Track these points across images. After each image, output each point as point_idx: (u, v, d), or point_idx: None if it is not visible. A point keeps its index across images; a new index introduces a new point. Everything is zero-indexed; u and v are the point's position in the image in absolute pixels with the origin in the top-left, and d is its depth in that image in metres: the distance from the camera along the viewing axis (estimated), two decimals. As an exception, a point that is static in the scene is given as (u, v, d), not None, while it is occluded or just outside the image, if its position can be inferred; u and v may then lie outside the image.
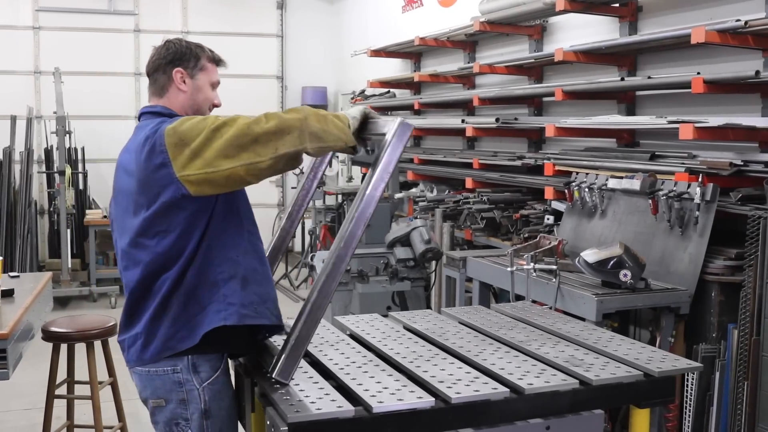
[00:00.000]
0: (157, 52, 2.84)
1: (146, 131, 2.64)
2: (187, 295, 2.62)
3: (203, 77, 2.84)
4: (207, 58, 2.86)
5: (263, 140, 2.49)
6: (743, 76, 4.39)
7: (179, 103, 2.81)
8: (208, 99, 2.87)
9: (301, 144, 2.51)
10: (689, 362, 2.80)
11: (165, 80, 2.81)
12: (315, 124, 2.53)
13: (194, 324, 2.62)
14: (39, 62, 11.39)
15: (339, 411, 2.30)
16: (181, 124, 2.57)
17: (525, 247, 4.93)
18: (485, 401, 2.43)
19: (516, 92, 6.75)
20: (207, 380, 2.68)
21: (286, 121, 2.51)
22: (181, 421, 2.68)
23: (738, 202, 4.28)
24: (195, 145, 2.51)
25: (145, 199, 2.61)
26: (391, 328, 3.25)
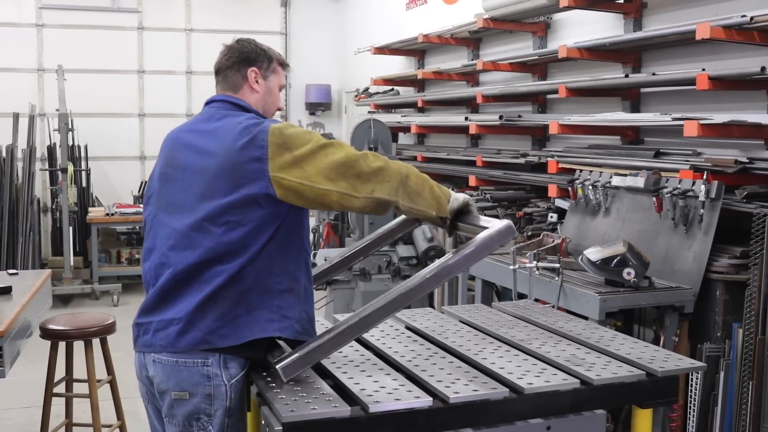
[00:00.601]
0: (231, 51, 2.87)
1: (241, 121, 2.65)
2: (240, 293, 2.56)
3: (274, 79, 2.89)
4: (278, 61, 2.91)
5: (364, 178, 2.55)
6: (749, 73, 4.34)
7: (252, 102, 2.83)
8: (277, 101, 2.92)
9: (395, 196, 2.59)
10: (692, 362, 2.76)
11: (238, 78, 2.83)
12: (414, 184, 2.64)
13: (238, 324, 2.56)
14: (42, 60, 11.37)
15: (335, 411, 2.26)
16: (287, 128, 2.60)
17: (528, 245, 4.88)
18: (484, 401, 2.39)
19: (520, 89, 6.70)
20: (235, 377, 2.60)
21: (390, 169, 2.59)
22: (203, 416, 2.59)
23: (743, 200, 4.22)
24: (299, 153, 2.54)
25: (225, 184, 2.57)
26: (391, 326, 3.21)
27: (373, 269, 6.05)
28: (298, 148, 2.54)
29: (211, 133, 2.67)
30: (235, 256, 2.56)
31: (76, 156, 10.49)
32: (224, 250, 2.56)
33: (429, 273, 2.57)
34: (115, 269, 10.22)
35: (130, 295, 9.73)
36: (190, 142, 2.71)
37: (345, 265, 3.33)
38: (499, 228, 2.60)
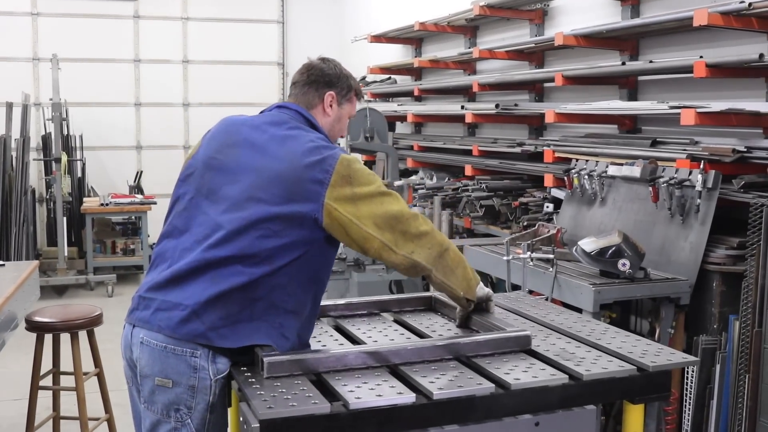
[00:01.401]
0: (315, 68, 2.85)
1: (313, 139, 2.64)
2: (250, 300, 2.52)
3: (347, 108, 2.88)
4: (355, 91, 2.91)
5: (409, 237, 2.60)
6: (747, 60, 4.27)
7: (322, 124, 2.81)
8: (343, 129, 2.92)
9: (431, 264, 2.64)
10: (685, 356, 2.68)
11: (315, 98, 2.81)
12: (451, 260, 2.70)
13: (238, 329, 2.52)
14: (37, 49, 11.27)
15: (314, 407, 2.19)
16: (355, 163, 2.62)
17: (523, 236, 4.81)
18: (469, 397, 2.32)
19: (516, 77, 6.63)
20: (221, 373, 2.54)
21: (434, 237, 2.66)
22: (183, 407, 2.53)
23: (740, 190, 4.15)
24: (359, 192, 2.57)
25: (279, 193, 2.55)
26: (378, 319, 3.14)
27: (367, 260, 5.97)
28: (360, 186, 2.57)
29: (281, 139, 2.63)
30: (259, 263, 2.52)
31: (72, 146, 10.42)
32: (252, 253, 2.52)
33: (440, 342, 2.63)
34: (110, 260, 10.16)
35: (124, 286, 9.68)
36: (253, 139, 2.67)
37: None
38: (518, 334, 2.69)
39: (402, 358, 2.50)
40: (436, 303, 3.24)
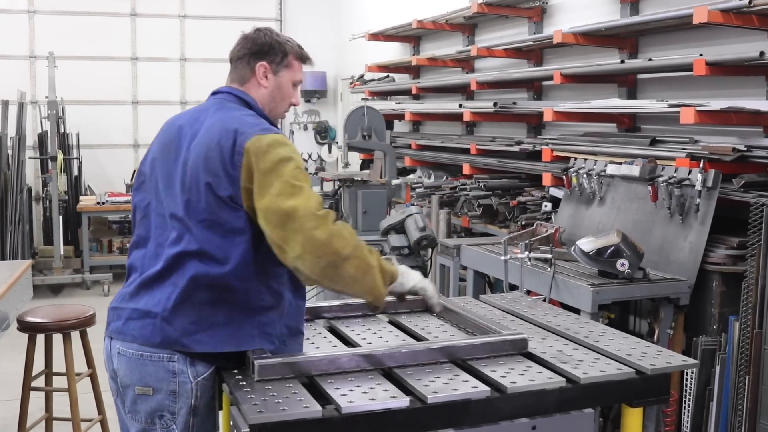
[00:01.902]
0: (245, 41, 2.73)
1: (236, 117, 2.56)
2: (220, 302, 2.47)
3: (287, 75, 2.73)
4: (294, 56, 2.74)
5: (300, 240, 2.38)
6: (747, 58, 4.22)
7: (259, 97, 2.71)
8: (288, 98, 2.77)
9: (317, 275, 2.41)
10: (684, 359, 2.64)
11: (247, 72, 2.71)
12: (353, 268, 2.44)
13: (216, 333, 2.47)
14: (34, 47, 11.22)
15: (306, 411, 2.14)
16: (271, 146, 2.47)
17: (521, 235, 4.77)
18: (465, 401, 2.27)
19: (514, 76, 6.58)
20: (202, 375, 2.50)
21: (330, 246, 2.39)
22: (166, 413, 2.50)
23: (741, 189, 4.11)
24: (259, 180, 2.44)
25: (204, 180, 2.49)
26: (373, 319, 3.10)
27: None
28: (262, 174, 2.43)
29: (208, 126, 2.57)
30: (214, 258, 2.47)
31: (68, 144, 10.36)
32: (204, 249, 2.48)
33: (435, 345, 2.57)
34: (106, 258, 10.11)
35: (121, 285, 9.54)
36: (184, 132, 2.62)
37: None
38: (514, 337, 2.64)
39: (396, 361, 2.46)
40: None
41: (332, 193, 9.37)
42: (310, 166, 11.42)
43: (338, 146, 10.32)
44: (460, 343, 2.58)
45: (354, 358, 2.44)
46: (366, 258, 2.48)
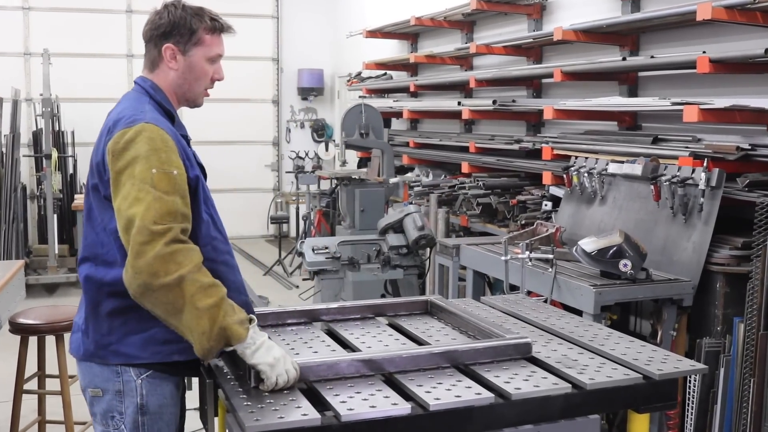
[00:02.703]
0: (152, 21, 2.56)
1: (120, 111, 2.46)
2: (130, 308, 2.37)
3: (199, 53, 2.54)
4: (205, 30, 2.54)
5: (133, 249, 2.22)
6: (751, 55, 4.16)
7: (170, 81, 2.56)
8: (203, 77, 2.59)
9: (134, 291, 2.23)
10: (693, 363, 2.57)
11: (155, 55, 2.55)
12: (175, 297, 2.21)
13: (133, 342, 2.42)
14: (29, 44, 11.17)
15: (304, 420, 2.07)
16: (132, 139, 2.33)
17: (521, 235, 4.70)
18: (468, 408, 2.20)
19: (514, 73, 6.52)
20: (146, 373, 2.44)
21: (153, 265, 2.20)
22: (116, 414, 2.45)
23: (745, 188, 4.05)
24: (115, 179, 2.32)
25: (93, 180, 2.44)
26: (372, 322, 3.03)
27: (362, 258, 5.85)
28: (117, 173, 2.31)
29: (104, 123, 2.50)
30: (104, 261, 2.39)
31: (64, 142, 10.27)
32: (97, 253, 2.42)
33: (437, 350, 2.48)
34: (103, 257, 10.01)
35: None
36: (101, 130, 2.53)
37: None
38: (518, 341, 2.55)
39: (397, 366, 2.38)
40: (433, 307, 3.12)
41: (329, 192, 9.35)
42: (307, 164, 11.34)
43: (335, 144, 10.28)
44: (462, 348, 2.51)
45: (353, 364, 2.37)
46: (190, 294, 2.21)
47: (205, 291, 2.23)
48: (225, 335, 2.24)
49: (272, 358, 2.25)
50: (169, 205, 2.27)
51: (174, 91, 2.58)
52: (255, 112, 12.62)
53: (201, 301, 2.22)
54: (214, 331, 2.22)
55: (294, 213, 11.20)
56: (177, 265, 2.21)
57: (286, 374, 2.24)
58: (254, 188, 12.64)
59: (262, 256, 11.09)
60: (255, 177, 12.70)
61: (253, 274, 9.87)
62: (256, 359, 2.25)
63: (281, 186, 12.78)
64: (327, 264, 5.72)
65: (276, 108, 12.82)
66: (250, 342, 2.27)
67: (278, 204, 11.96)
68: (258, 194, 12.58)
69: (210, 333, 2.22)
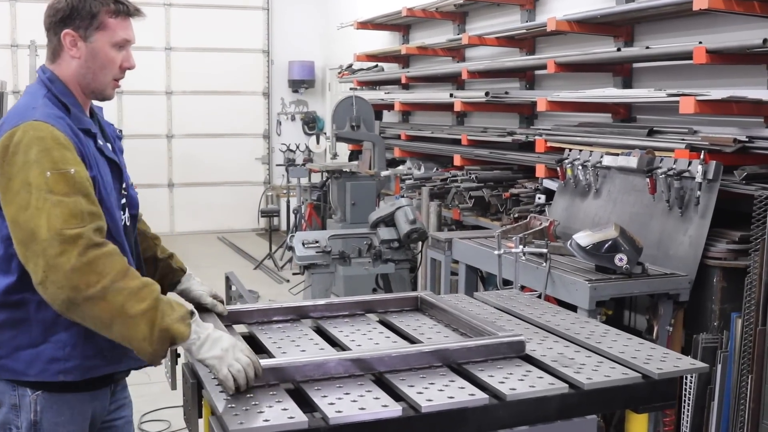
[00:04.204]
0: (50, 7, 2.36)
1: (16, 107, 2.32)
2: (19, 321, 2.25)
3: (102, 38, 2.33)
4: (108, 13, 2.33)
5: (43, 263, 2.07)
6: (749, 45, 4.10)
7: (72, 71, 2.35)
8: (109, 65, 2.37)
9: (61, 308, 2.09)
10: (693, 362, 2.49)
11: (56, 43, 2.35)
12: (101, 310, 2.07)
13: (22, 358, 2.27)
14: (16, 35, 11.03)
15: (290, 423, 1.98)
16: (24, 140, 2.15)
17: (514, 229, 4.63)
18: (461, 409, 2.12)
19: (507, 65, 6.44)
20: (41, 389, 2.31)
21: (77, 277, 2.05)
22: (12, 427, 2.33)
23: (742, 181, 3.98)
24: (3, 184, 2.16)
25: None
26: (362, 319, 2.94)
27: (353, 252, 5.77)
28: (10, 179, 2.14)
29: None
30: (1, 271, 2.25)
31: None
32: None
33: (428, 348, 2.39)
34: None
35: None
36: None
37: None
38: (511, 339, 2.46)
39: (387, 366, 2.30)
40: (423, 303, 3.03)
41: (320, 185, 9.27)
42: (298, 157, 11.25)
43: (326, 137, 10.18)
44: (454, 346, 2.42)
45: (342, 363, 2.28)
46: (119, 304, 2.08)
47: (135, 296, 2.10)
48: (167, 336, 2.12)
49: (220, 349, 2.13)
50: (72, 207, 2.11)
51: (78, 81, 2.37)
52: (245, 105, 12.52)
53: (133, 308, 2.09)
54: (154, 335, 2.10)
55: (284, 206, 11.11)
56: (98, 275, 2.07)
57: (237, 362, 2.10)
58: (244, 181, 12.54)
59: (252, 249, 11.00)
60: (245, 170, 12.60)
61: (243, 268, 9.78)
62: (202, 354, 2.14)
63: (272, 179, 12.68)
64: (317, 258, 5.65)
65: (266, 100, 12.72)
66: (194, 338, 2.14)
67: (269, 197, 11.86)
68: (248, 187, 12.49)
69: (151, 337, 2.10)
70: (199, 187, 12.23)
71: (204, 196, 12.24)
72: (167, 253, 2.72)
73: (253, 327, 2.77)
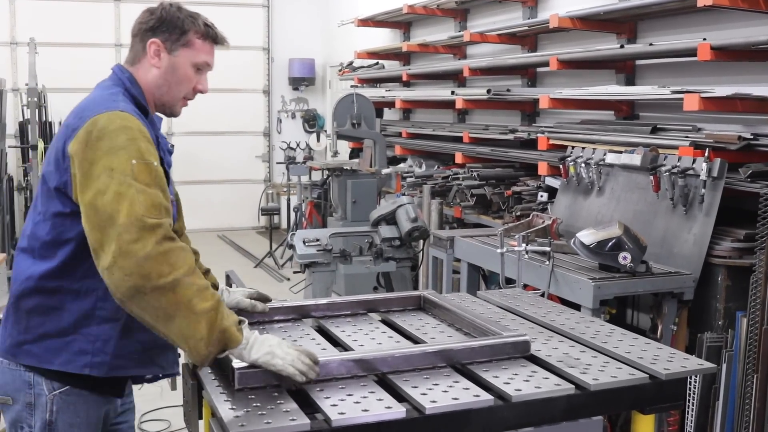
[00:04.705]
0: (142, 16, 2.42)
1: (93, 98, 2.31)
2: (52, 309, 2.26)
3: (185, 54, 2.39)
4: (197, 33, 2.39)
5: (115, 248, 2.05)
6: (754, 42, 4.05)
7: (149, 79, 2.39)
8: (186, 82, 2.42)
9: (122, 294, 2.05)
10: (700, 362, 2.46)
11: (140, 49, 2.40)
12: (168, 303, 2.05)
13: (48, 346, 2.27)
14: (15, 33, 10.99)
15: (292, 425, 1.95)
16: (110, 125, 2.17)
17: (516, 227, 4.59)
18: (465, 411, 2.09)
19: (509, 62, 6.40)
20: (60, 389, 2.30)
21: (144, 266, 2.03)
22: (25, 426, 2.32)
23: (747, 179, 3.94)
24: (85, 169, 2.14)
25: (48, 171, 2.29)
26: (365, 319, 2.91)
27: (354, 251, 5.73)
28: (92, 164, 2.13)
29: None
30: (40, 254, 2.26)
31: (51, 133, 10.11)
32: (29, 244, 2.29)
33: (432, 348, 2.36)
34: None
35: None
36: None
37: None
38: (516, 339, 2.43)
39: (390, 366, 2.26)
40: (426, 302, 3.00)
41: (321, 183, 9.23)
42: (299, 155, 11.21)
43: (327, 135, 10.14)
44: (458, 347, 2.39)
45: (345, 363, 2.25)
46: (187, 299, 2.06)
47: (201, 294, 2.09)
48: (224, 339, 2.10)
49: (268, 346, 2.14)
50: (153, 198, 2.11)
51: (152, 91, 2.41)
52: (245, 103, 12.48)
53: (198, 305, 2.07)
54: (213, 335, 2.08)
55: (285, 204, 11.07)
56: (170, 266, 2.06)
57: (288, 356, 2.12)
58: (245, 179, 12.51)
59: (252, 248, 10.96)
60: (246, 168, 12.57)
61: (243, 267, 9.74)
62: (253, 356, 2.13)
63: (272, 177, 12.64)
64: (318, 256, 5.60)
65: (267, 98, 12.68)
66: (244, 343, 2.14)
67: (269, 195, 11.82)
68: (249, 185, 12.45)
69: (209, 338, 2.08)
70: (199, 185, 12.19)
71: (204, 194, 12.19)
72: (204, 268, 2.72)
73: (254, 327, 2.74)
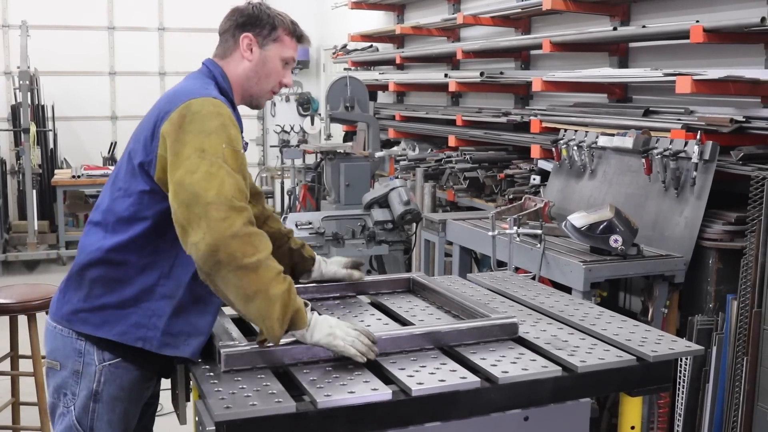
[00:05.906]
0: (232, 13, 2.55)
1: (186, 85, 2.41)
2: (114, 281, 2.32)
3: (275, 49, 2.51)
4: (285, 30, 2.53)
5: (202, 226, 2.11)
6: (747, 24, 4.01)
7: (240, 72, 2.51)
8: (275, 75, 2.54)
9: (209, 267, 2.11)
10: (688, 344, 2.46)
11: (231, 44, 2.52)
12: (250, 282, 2.10)
13: (105, 317, 2.32)
14: (7, 15, 10.89)
15: (278, 407, 1.95)
16: (203, 109, 2.26)
17: (508, 210, 4.59)
18: (452, 392, 2.08)
19: (502, 44, 6.37)
20: (110, 360, 2.34)
21: (231, 244, 2.09)
22: (69, 393, 2.36)
23: (739, 162, 3.92)
24: (177, 148, 2.22)
25: (132, 149, 2.39)
26: (353, 301, 2.90)
27: (347, 234, 5.73)
28: (184, 145, 2.20)
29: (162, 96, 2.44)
30: (113, 229, 2.32)
31: (44, 116, 10.07)
32: (103, 218, 2.36)
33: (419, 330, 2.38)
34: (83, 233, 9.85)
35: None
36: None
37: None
38: (504, 321, 2.45)
39: (378, 348, 2.26)
40: (416, 285, 3.00)
41: (314, 166, 9.20)
42: (292, 138, 11.17)
43: (321, 118, 10.10)
44: (446, 329, 2.39)
45: (332, 346, 2.24)
46: (267, 281, 2.13)
47: (278, 276, 2.17)
48: (296, 319, 2.17)
49: (328, 327, 2.22)
50: (240, 184, 2.20)
51: (241, 84, 2.52)
52: (239, 86, 12.41)
53: (276, 287, 2.14)
54: (287, 316, 2.15)
55: (279, 188, 11.04)
56: (254, 248, 2.13)
57: (348, 336, 2.20)
58: (239, 163, 12.45)
59: (246, 231, 10.92)
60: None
61: (237, 250, 9.71)
62: (315, 337, 2.20)
63: (266, 160, 12.61)
64: (311, 239, 5.60)
65: (261, 81, 12.60)
66: (312, 325, 2.23)
67: (263, 179, 11.80)
68: (243, 169, 12.41)
69: (283, 318, 2.15)
70: (193, 168, 12.15)
71: (198, 178, 12.15)
72: (299, 243, 2.87)
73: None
